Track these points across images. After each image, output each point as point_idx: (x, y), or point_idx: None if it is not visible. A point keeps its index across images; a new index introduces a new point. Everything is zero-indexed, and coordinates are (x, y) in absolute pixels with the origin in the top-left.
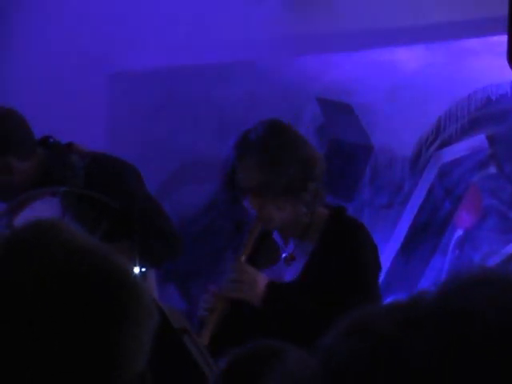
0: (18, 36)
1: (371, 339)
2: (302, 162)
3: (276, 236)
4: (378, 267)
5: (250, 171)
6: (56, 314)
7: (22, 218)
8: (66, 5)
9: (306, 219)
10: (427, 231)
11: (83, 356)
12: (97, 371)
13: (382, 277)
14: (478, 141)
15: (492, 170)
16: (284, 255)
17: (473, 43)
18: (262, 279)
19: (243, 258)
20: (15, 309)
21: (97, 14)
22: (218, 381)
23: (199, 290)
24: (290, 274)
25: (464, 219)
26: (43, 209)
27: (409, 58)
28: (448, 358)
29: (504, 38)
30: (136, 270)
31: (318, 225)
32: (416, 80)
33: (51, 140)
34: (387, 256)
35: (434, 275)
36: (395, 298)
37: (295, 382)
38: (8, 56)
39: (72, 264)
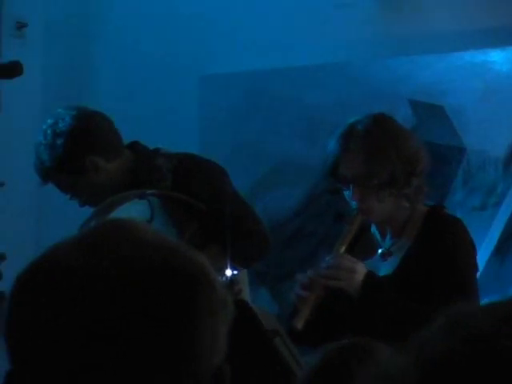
0: (110, 38)
1: (470, 337)
2: (406, 157)
3: (374, 231)
4: (476, 267)
5: (355, 161)
6: (123, 308)
7: None
8: (157, 7)
9: (406, 214)
10: None
11: (156, 348)
12: (171, 363)
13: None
14: None
15: None
16: (381, 250)
17: None
18: (361, 267)
19: (342, 249)
20: (83, 304)
21: (188, 16)
22: (310, 376)
23: (290, 293)
24: (385, 269)
25: None
26: (131, 211)
27: (502, 59)
28: None
29: None
30: (228, 272)
31: (417, 222)
32: (509, 81)
33: (138, 144)
34: (481, 258)
35: None
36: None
37: (388, 380)
38: (100, 58)
39: (139, 258)
